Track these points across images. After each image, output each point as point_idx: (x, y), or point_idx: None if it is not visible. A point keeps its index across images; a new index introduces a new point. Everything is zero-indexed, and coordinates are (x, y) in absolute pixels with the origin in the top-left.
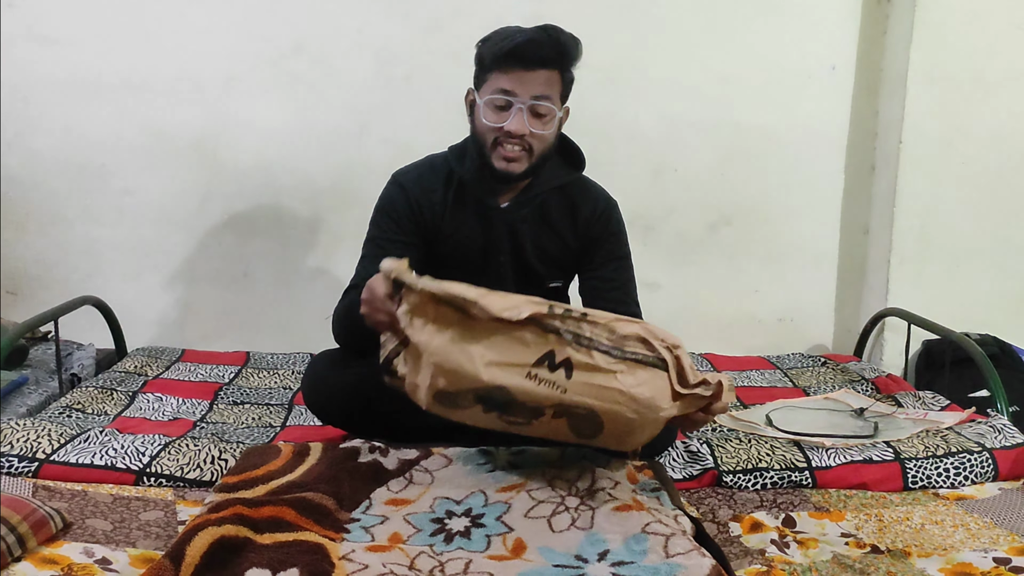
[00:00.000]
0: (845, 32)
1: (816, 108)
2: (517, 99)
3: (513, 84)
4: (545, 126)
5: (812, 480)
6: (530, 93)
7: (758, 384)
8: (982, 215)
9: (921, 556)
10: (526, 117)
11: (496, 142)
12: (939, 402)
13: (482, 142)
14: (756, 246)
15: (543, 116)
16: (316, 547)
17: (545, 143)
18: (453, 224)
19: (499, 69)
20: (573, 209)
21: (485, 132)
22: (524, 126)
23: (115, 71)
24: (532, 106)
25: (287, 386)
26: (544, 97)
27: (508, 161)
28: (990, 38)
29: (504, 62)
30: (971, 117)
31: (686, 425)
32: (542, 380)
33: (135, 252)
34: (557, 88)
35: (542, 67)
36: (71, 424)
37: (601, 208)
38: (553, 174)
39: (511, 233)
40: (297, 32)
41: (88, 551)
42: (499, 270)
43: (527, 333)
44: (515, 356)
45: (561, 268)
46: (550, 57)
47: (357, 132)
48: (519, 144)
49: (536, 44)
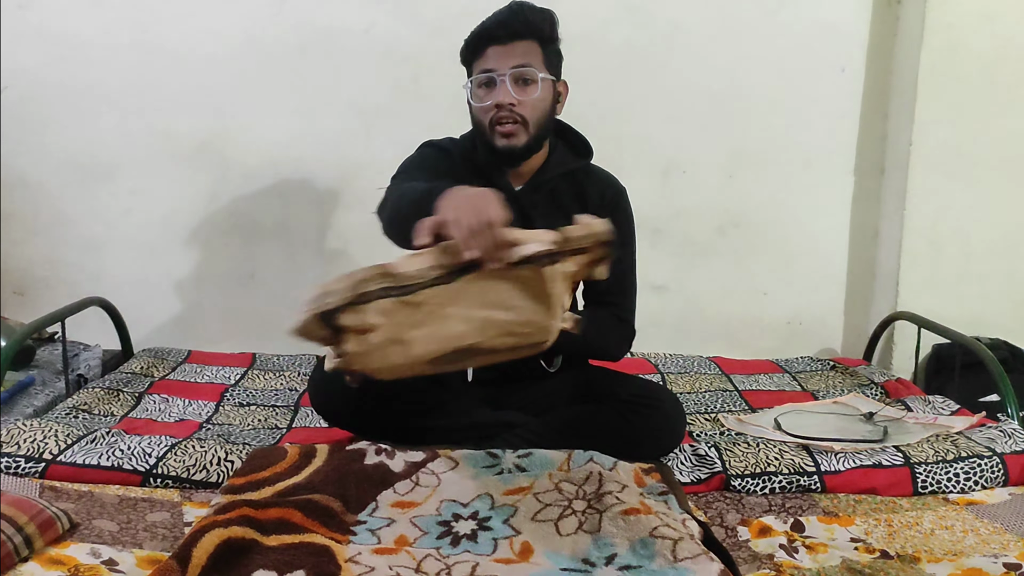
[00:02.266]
0: (855, 34)
1: (826, 110)
2: (497, 73)
3: (491, 61)
4: (530, 92)
5: (821, 484)
6: (509, 64)
7: (766, 388)
8: (993, 218)
9: (931, 561)
10: (510, 86)
11: (492, 122)
12: (949, 406)
13: (481, 127)
14: (765, 248)
15: (527, 82)
16: (322, 549)
17: (537, 111)
18: None
19: (477, 55)
20: (583, 194)
21: (479, 114)
22: (509, 94)
23: (122, 72)
24: (513, 74)
25: (293, 388)
26: (524, 65)
27: (506, 136)
28: (1001, 40)
29: (478, 45)
30: (982, 119)
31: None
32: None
33: (142, 253)
34: (538, 58)
35: (515, 39)
36: (78, 425)
37: (610, 194)
38: (562, 160)
39: (524, 217)
40: (303, 33)
41: (95, 552)
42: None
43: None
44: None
45: None
46: (520, 30)
47: (364, 133)
48: (510, 116)
49: (505, 20)
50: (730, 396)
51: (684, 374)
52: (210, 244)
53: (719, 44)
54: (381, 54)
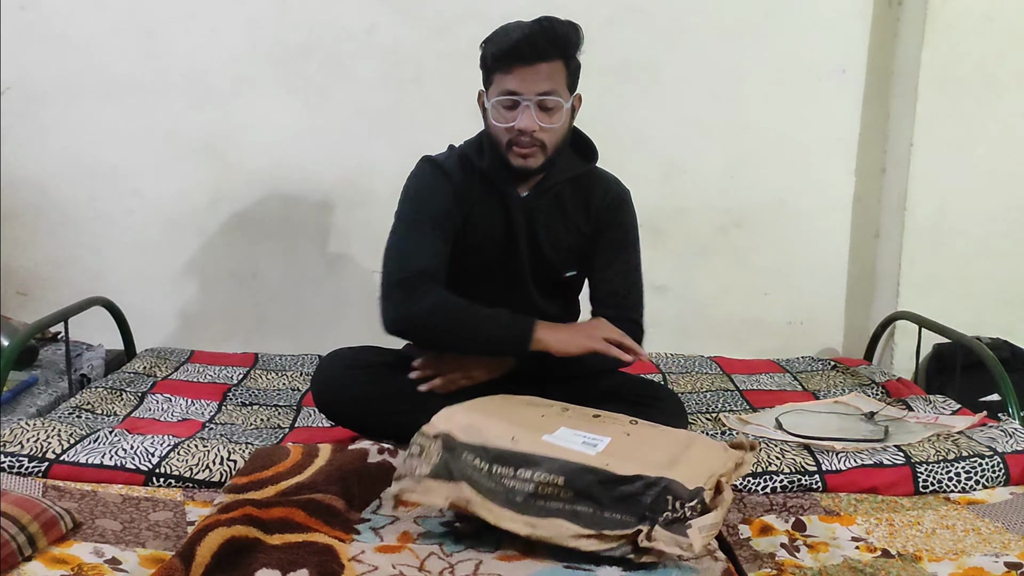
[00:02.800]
0: (856, 34)
1: (826, 110)
2: (523, 97)
3: (517, 83)
4: (554, 119)
5: (822, 484)
6: (535, 90)
7: (767, 387)
8: (994, 218)
9: (932, 560)
10: (534, 113)
11: (510, 142)
12: (950, 406)
13: (497, 142)
14: (766, 248)
15: (551, 110)
16: (326, 548)
17: (557, 135)
18: (479, 213)
19: (502, 70)
20: (587, 198)
21: (498, 133)
22: (534, 123)
23: (125, 72)
24: (539, 102)
25: (296, 387)
26: (549, 92)
27: (524, 158)
28: (1002, 40)
29: (505, 62)
30: (983, 119)
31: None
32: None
33: (145, 253)
34: (562, 78)
35: (543, 60)
36: (81, 424)
37: (612, 196)
38: (568, 165)
39: (529, 222)
40: (306, 33)
41: (98, 551)
42: (518, 258)
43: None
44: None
45: (576, 258)
46: (549, 49)
47: (366, 134)
48: (531, 141)
49: (533, 39)
50: (731, 396)
51: (685, 374)
52: (213, 244)
53: (721, 44)
54: (383, 55)
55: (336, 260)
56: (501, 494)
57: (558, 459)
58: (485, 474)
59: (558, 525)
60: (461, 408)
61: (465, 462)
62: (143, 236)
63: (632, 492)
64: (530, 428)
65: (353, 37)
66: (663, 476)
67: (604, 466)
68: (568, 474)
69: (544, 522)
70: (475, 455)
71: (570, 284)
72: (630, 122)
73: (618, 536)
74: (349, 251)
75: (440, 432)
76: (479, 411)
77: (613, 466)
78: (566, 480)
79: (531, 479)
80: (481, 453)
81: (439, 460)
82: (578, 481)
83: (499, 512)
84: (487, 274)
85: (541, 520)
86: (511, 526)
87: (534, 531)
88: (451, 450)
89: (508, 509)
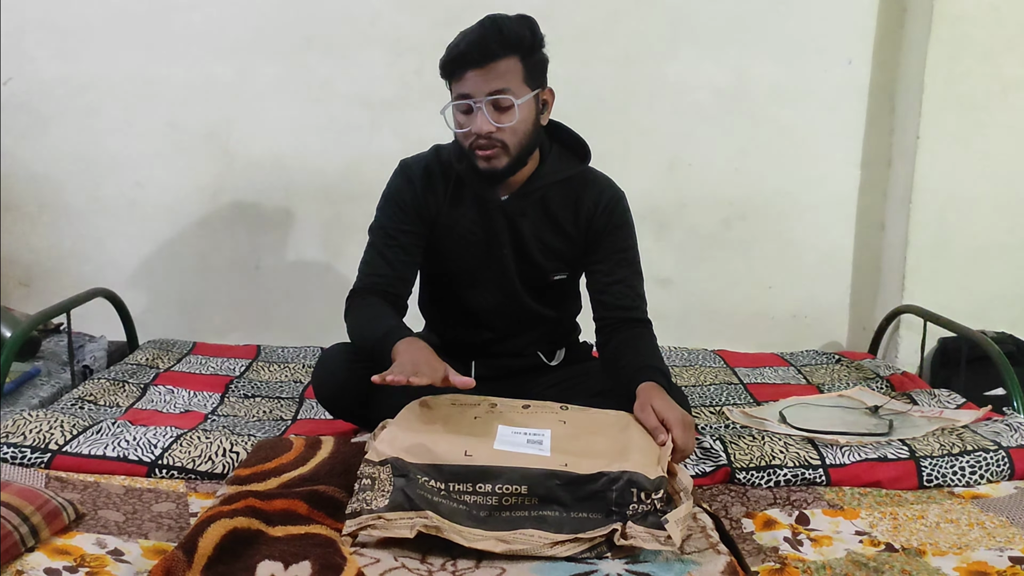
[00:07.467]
0: (862, 26)
1: (832, 102)
2: (474, 100)
3: (468, 86)
4: (509, 117)
5: (826, 478)
6: (486, 90)
7: (772, 381)
8: (999, 211)
9: (936, 555)
10: (487, 114)
11: (471, 146)
12: (955, 400)
13: (463, 149)
14: (770, 242)
15: (506, 108)
16: (328, 540)
17: (518, 134)
18: (453, 217)
19: (455, 76)
20: (576, 201)
21: (459, 138)
22: (488, 123)
23: (127, 64)
24: (492, 101)
25: (298, 380)
26: (501, 91)
27: (488, 160)
28: (1009, 33)
29: (455, 67)
30: (989, 112)
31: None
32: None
33: (147, 245)
34: (518, 75)
35: (492, 60)
36: (83, 416)
37: (605, 200)
38: (556, 167)
39: (511, 227)
40: (309, 25)
41: (101, 542)
42: (502, 263)
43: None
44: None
45: (565, 261)
46: (497, 50)
47: (369, 126)
48: (489, 143)
49: (478, 42)
50: (735, 389)
51: (689, 367)
52: (215, 236)
53: (725, 36)
54: (386, 46)
55: (339, 252)
56: (463, 511)
57: (518, 468)
58: (444, 495)
59: (530, 536)
60: (397, 428)
61: (421, 486)
62: (145, 227)
63: (596, 490)
64: (477, 437)
65: (356, 28)
66: (625, 470)
67: (563, 467)
68: (530, 481)
69: (514, 535)
70: (428, 476)
71: (562, 286)
72: (634, 114)
73: (593, 537)
74: (352, 243)
75: (387, 458)
76: (417, 427)
77: (572, 465)
78: (529, 488)
79: (493, 491)
80: (434, 473)
81: (394, 489)
82: (541, 487)
83: (469, 534)
84: (472, 279)
85: (510, 533)
86: (484, 545)
87: (508, 547)
88: (404, 476)
89: (477, 528)
